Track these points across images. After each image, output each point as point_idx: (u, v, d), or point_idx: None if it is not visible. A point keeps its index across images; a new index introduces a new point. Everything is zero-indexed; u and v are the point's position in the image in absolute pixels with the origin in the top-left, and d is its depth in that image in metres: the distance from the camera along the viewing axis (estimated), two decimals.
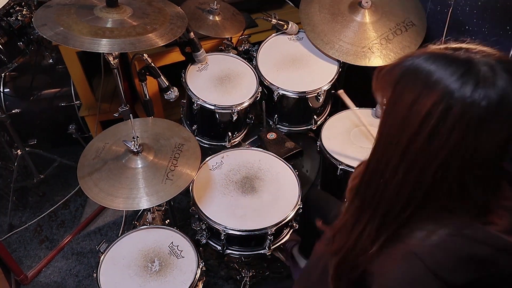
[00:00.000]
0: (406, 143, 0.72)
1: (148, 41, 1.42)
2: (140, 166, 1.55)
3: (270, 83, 1.94)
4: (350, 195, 0.90)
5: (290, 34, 2.12)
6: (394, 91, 0.75)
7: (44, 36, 1.36)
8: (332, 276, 0.90)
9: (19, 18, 1.99)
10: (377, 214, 0.80)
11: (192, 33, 1.83)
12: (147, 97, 1.80)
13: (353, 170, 1.74)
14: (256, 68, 2.00)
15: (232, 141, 2.00)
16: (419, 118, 0.69)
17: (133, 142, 1.53)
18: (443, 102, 0.67)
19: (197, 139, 1.96)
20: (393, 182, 0.76)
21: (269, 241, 1.66)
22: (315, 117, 2.07)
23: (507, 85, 0.66)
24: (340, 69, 2.00)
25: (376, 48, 1.92)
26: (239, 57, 2.06)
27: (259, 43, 2.09)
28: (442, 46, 0.75)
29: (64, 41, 1.35)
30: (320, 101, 1.99)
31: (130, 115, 1.62)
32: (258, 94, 1.93)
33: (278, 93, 1.93)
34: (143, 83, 1.75)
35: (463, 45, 0.73)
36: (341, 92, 1.80)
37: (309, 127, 2.10)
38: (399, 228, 0.78)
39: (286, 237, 1.76)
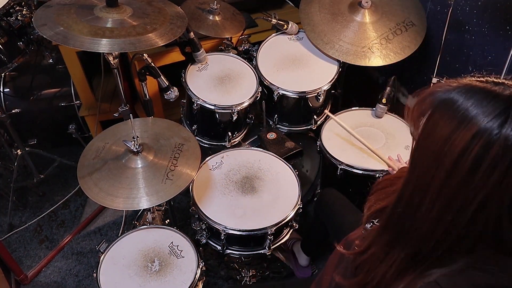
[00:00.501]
0: (444, 178, 0.68)
1: (148, 41, 1.42)
2: (140, 166, 1.55)
3: (270, 83, 1.94)
4: (379, 227, 0.85)
5: (290, 34, 2.12)
6: (427, 123, 0.71)
7: (44, 36, 1.36)
8: None
9: (19, 18, 1.99)
10: (408, 251, 0.76)
11: (192, 33, 1.83)
12: (147, 97, 1.80)
13: (354, 171, 1.76)
14: (256, 68, 2.00)
15: (232, 141, 2.00)
16: (455, 153, 0.66)
17: (133, 142, 1.53)
18: (482, 139, 0.63)
19: (197, 139, 1.96)
20: (428, 218, 0.72)
21: (269, 241, 1.66)
22: (315, 117, 2.07)
23: None
24: (340, 69, 2.00)
25: (376, 48, 1.92)
26: (239, 57, 2.06)
27: (259, 43, 2.09)
28: (481, 79, 0.71)
29: (64, 41, 1.35)
30: (320, 101, 1.99)
31: (130, 115, 1.62)
32: (258, 94, 1.93)
33: (278, 93, 1.93)
34: (143, 83, 1.75)
35: (505, 81, 0.69)
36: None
37: (309, 127, 2.10)
38: (428, 267, 0.74)
39: (286, 237, 1.76)
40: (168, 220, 1.85)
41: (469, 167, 0.65)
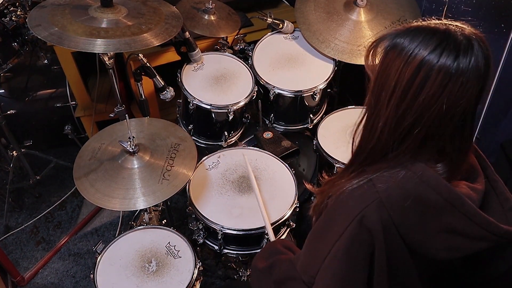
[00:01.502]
0: (396, 103, 0.83)
1: (143, 41, 1.42)
2: (136, 166, 1.54)
3: (266, 82, 1.94)
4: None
5: (285, 33, 2.12)
6: (382, 64, 0.86)
7: (39, 37, 1.36)
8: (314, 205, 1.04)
9: (13, 18, 1.98)
10: (360, 154, 0.93)
11: (187, 33, 1.82)
12: (143, 97, 1.80)
13: None
14: (251, 68, 2.00)
15: (228, 141, 2.00)
16: (403, 83, 0.80)
17: (129, 143, 1.53)
18: (423, 69, 0.78)
19: (193, 139, 1.96)
20: (384, 134, 0.86)
21: (266, 240, 1.66)
22: (311, 116, 2.07)
23: (479, 54, 0.77)
24: (336, 68, 2.00)
25: None
26: (234, 57, 2.06)
27: (255, 42, 2.09)
28: (425, 21, 0.85)
29: (59, 41, 1.35)
30: (316, 100, 1.99)
31: (126, 115, 1.61)
32: (254, 93, 1.93)
33: (274, 92, 1.93)
34: (138, 83, 1.74)
35: (442, 20, 0.83)
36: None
37: (305, 126, 2.10)
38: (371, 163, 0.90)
39: (283, 236, 1.76)
40: (165, 221, 1.85)
41: (414, 92, 0.80)
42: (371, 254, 0.85)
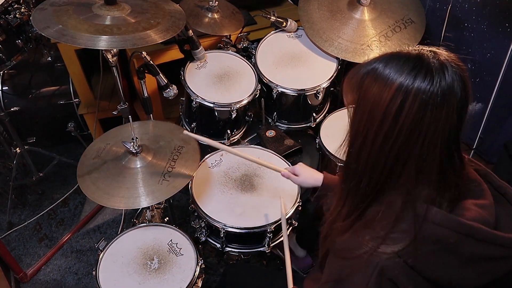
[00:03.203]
0: (376, 128, 0.82)
1: (147, 38, 1.42)
2: (138, 166, 1.55)
3: (269, 80, 1.94)
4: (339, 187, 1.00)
5: (289, 32, 2.11)
6: (358, 93, 0.86)
7: (43, 34, 1.36)
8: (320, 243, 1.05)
9: (17, 16, 1.99)
10: (353, 192, 0.92)
11: (190, 31, 1.82)
12: (146, 95, 1.80)
13: None
14: (255, 66, 2.00)
15: (231, 139, 2.00)
16: (382, 108, 0.80)
17: (132, 143, 1.54)
18: (400, 93, 0.78)
19: None
20: (368, 163, 0.86)
21: (268, 239, 1.66)
22: (314, 114, 2.07)
23: (454, 77, 0.78)
24: (339, 67, 2.00)
25: (375, 45, 1.92)
26: (238, 55, 2.06)
27: (258, 41, 2.09)
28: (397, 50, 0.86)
29: (63, 38, 1.35)
30: (319, 98, 1.99)
31: (130, 116, 1.62)
32: (257, 91, 1.93)
33: (277, 90, 1.93)
34: (142, 81, 1.74)
35: (415, 47, 0.84)
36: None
37: (308, 124, 2.10)
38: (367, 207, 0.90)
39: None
40: (167, 218, 1.85)
41: (393, 116, 0.79)
42: None
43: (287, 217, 1.64)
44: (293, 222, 1.76)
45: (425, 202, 0.83)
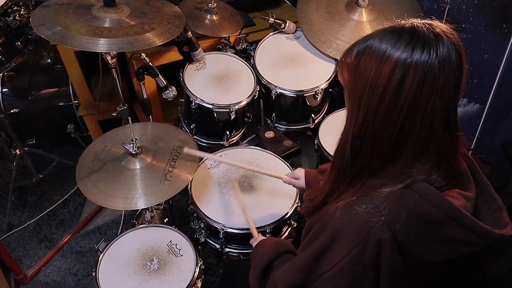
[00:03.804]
0: (375, 105, 0.83)
1: (146, 41, 1.42)
2: (138, 167, 1.56)
3: (267, 82, 1.95)
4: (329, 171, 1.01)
5: (287, 33, 2.12)
6: (356, 70, 0.86)
7: (42, 36, 1.36)
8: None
9: (17, 18, 1.99)
10: (352, 170, 0.92)
11: (189, 33, 1.83)
12: (145, 96, 1.81)
13: None
14: (253, 67, 2.01)
15: (230, 140, 2.00)
16: (382, 84, 0.81)
17: (131, 145, 1.54)
18: (398, 67, 0.79)
19: (195, 138, 1.97)
20: (366, 140, 0.87)
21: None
22: (312, 115, 2.08)
23: (449, 47, 0.79)
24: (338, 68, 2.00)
25: None
26: (236, 56, 2.07)
27: (257, 42, 2.10)
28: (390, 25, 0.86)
29: (62, 41, 1.35)
30: (318, 99, 2.00)
31: (129, 117, 1.63)
32: (256, 93, 1.94)
33: (276, 92, 1.94)
34: (141, 83, 1.75)
35: (407, 19, 0.85)
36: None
37: (307, 125, 2.10)
38: (367, 178, 0.90)
39: (284, 235, 1.76)
40: (166, 219, 1.85)
41: (394, 90, 0.80)
42: (374, 271, 0.87)
43: (285, 218, 1.64)
44: (292, 222, 1.77)
45: (423, 179, 0.85)
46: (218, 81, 1.95)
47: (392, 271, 0.87)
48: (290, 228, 1.78)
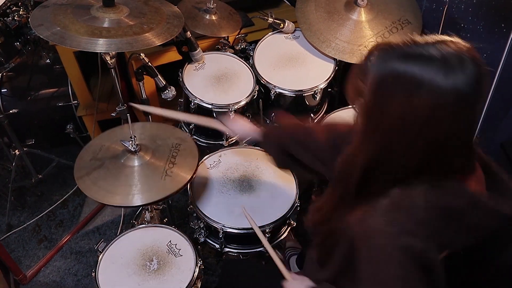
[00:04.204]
0: (415, 136, 0.79)
1: (145, 41, 1.43)
2: (137, 164, 1.56)
3: (266, 81, 1.95)
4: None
5: (286, 33, 2.12)
6: (376, 96, 0.81)
7: (41, 36, 1.37)
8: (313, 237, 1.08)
9: (15, 18, 1.99)
10: (360, 189, 0.90)
11: (188, 32, 1.83)
12: (145, 96, 1.81)
13: None
14: (252, 67, 2.01)
15: (229, 140, 2.00)
16: (413, 112, 0.77)
17: (130, 142, 1.54)
18: (436, 97, 0.75)
19: (195, 138, 1.97)
20: (381, 167, 0.86)
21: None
22: (312, 115, 2.08)
23: (476, 71, 0.76)
24: (337, 67, 2.01)
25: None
26: (236, 56, 2.07)
27: (256, 42, 2.10)
28: (409, 42, 0.81)
29: (61, 41, 1.35)
30: (317, 99, 2.00)
31: (128, 115, 1.62)
32: (255, 92, 1.94)
33: (275, 91, 1.94)
34: (140, 83, 1.75)
35: (426, 38, 0.81)
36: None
37: None
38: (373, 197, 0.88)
39: (284, 234, 1.77)
40: (166, 219, 1.86)
41: (425, 120, 0.76)
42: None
43: (285, 218, 1.65)
44: (292, 222, 1.77)
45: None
46: (217, 81, 1.96)
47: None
48: (289, 228, 1.78)
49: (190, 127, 1.99)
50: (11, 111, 2.31)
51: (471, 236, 0.87)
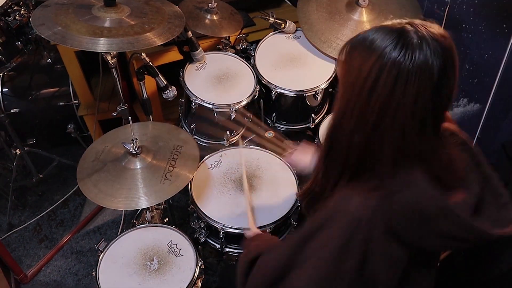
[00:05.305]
0: (357, 95, 0.85)
1: (146, 41, 1.42)
2: (138, 167, 1.56)
3: (268, 81, 1.95)
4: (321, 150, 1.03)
5: (287, 33, 2.12)
6: (347, 59, 0.89)
7: (42, 36, 1.37)
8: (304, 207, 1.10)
9: (17, 17, 1.99)
10: (338, 161, 0.94)
11: (190, 32, 1.83)
12: (146, 96, 1.81)
13: None
14: (254, 67, 2.01)
15: (230, 140, 2.00)
16: (363, 75, 0.83)
17: (131, 144, 1.54)
18: (378, 63, 0.80)
19: (196, 138, 1.97)
20: (348, 131, 0.89)
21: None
22: (313, 115, 2.08)
23: (430, 53, 0.79)
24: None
25: None
26: (237, 56, 2.07)
27: (257, 42, 2.09)
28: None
29: (62, 40, 1.35)
30: (318, 99, 2.00)
31: (129, 117, 1.63)
32: (256, 93, 1.94)
33: (276, 91, 1.94)
34: (141, 82, 1.75)
35: (405, 19, 0.86)
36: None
37: (307, 125, 2.10)
38: (356, 172, 0.91)
39: (284, 235, 1.76)
40: (167, 219, 1.85)
41: (371, 83, 0.81)
42: (361, 261, 0.87)
43: (286, 218, 1.64)
44: (292, 222, 1.77)
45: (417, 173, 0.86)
46: (218, 81, 1.95)
47: (393, 264, 0.88)
48: (290, 228, 1.78)
49: (191, 127, 1.99)
50: (12, 111, 2.32)
51: (444, 243, 0.89)
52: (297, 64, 2.02)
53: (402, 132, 0.83)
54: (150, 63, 1.71)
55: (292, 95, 1.95)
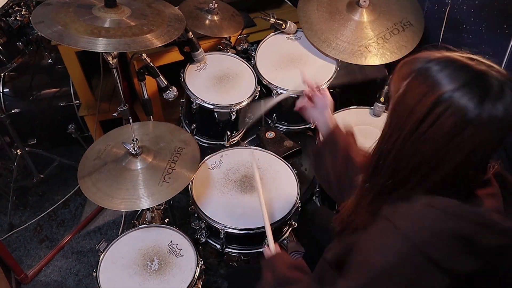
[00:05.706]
0: (410, 128, 0.80)
1: (143, 42, 1.42)
2: (138, 168, 1.56)
3: (268, 82, 1.95)
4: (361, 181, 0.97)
5: (288, 33, 2.12)
6: (406, 86, 0.82)
7: (41, 34, 1.36)
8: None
9: (18, 18, 1.99)
10: (375, 186, 0.90)
11: (190, 33, 1.83)
12: (146, 96, 1.81)
13: None
14: (254, 68, 2.01)
15: (231, 140, 2.00)
16: (421, 112, 0.78)
17: (132, 145, 1.54)
18: (441, 104, 0.75)
19: (196, 138, 1.97)
20: (391, 160, 0.85)
21: (265, 244, 1.66)
22: None
23: (509, 106, 0.73)
24: (338, 68, 2.00)
25: (372, 47, 1.93)
26: (237, 57, 2.07)
27: (258, 43, 2.10)
28: (461, 54, 0.81)
29: (60, 39, 1.35)
30: None
31: (130, 117, 1.63)
32: (256, 93, 1.94)
33: (277, 92, 1.94)
34: (142, 83, 1.75)
35: (480, 58, 0.79)
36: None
37: (307, 125, 2.10)
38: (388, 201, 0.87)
39: (285, 235, 1.76)
40: (167, 219, 1.86)
41: (429, 125, 0.77)
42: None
43: (286, 218, 1.64)
44: (293, 223, 1.77)
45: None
46: (219, 82, 1.96)
47: None
48: (290, 229, 1.78)
49: (192, 127, 1.99)
50: (13, 111, 2.32)
51: (480, 259, 0.80)
52: (298, 65, 2.03)
53: (454, 171, 0.80)
54: (150, 63, 1.71)
55: (293, 95, 1.95)
